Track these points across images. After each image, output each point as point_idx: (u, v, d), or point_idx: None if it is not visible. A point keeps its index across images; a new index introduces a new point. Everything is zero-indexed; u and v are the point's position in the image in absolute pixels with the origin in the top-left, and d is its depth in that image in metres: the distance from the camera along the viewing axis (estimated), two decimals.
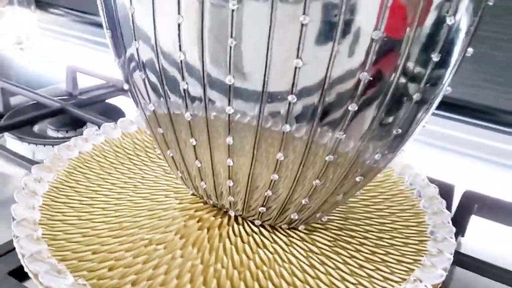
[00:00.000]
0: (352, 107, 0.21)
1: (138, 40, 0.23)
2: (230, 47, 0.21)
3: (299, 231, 0.29)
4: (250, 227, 0.28)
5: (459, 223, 0.36)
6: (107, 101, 0.50)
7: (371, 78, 0.20)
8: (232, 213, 0.28)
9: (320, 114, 0.21)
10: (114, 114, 0.47)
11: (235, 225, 0.28)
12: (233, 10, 0.20)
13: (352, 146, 0.22)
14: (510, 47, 0.46)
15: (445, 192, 0.37)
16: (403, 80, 0.21)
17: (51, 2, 0.80)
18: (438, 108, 0.25)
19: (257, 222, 0.28)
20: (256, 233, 0.28)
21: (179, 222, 0.28)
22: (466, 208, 0.36)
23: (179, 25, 0.21)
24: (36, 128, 0.45)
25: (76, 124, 0.45)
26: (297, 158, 0.23)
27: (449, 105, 0.50)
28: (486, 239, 0.38)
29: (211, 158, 0.25)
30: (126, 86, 0.27)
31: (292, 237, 0.28)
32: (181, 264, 0.26)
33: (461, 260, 0.29)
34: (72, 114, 0.44)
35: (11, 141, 0.42)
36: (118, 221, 0.28)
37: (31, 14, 0.80)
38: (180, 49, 0.22)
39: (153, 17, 0.22)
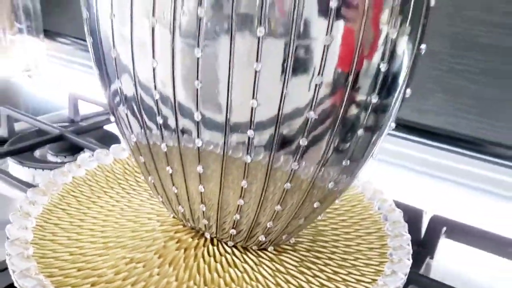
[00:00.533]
0: (303, 141, 0.23)
1: (120, 78, 0.26)
2: (197, 88, 0.23)
3: (269, 252, 0.31)
4: (223, 248, 0.31)
5: (428, 246, 0.38)
6: (104, 127, 0.54)
7: (317, 117, 0.23)
8: (207, 235, 0.31)
9: (276, 146, 0.24)
10: (110, 140, 0.50)
11: (210, 246, 0.31)
12: (198, 58, 0.23)
13: (307, 175, 0.25)
14: (481, 80, 0.49)
15: (415, 216, 0.39)
16: (348, 116, 0.23)
17: (59, 31, 0.84)
18: (413, 134, 0.27)
19: (230, 243, 0.31)
20: (228, 253, 0.31)
21: (159, 242, 0.31)
22: (434, 232, 0.38)
23: (154, 68, 0.24)
24: (37, 153, 0.48)
25: (74, 150, 0.48)
26: (259, 185, 0.26)
27: (426, 132, 0.53)
28: (456, 261, 0.40)
29: (185, 185, 0.28)
30: (112, 118, 0.30)
31: (262, 257, 0.31)
32: (157, 281, 0.28)
33: (424, 283, 0.32)
34: (71, 140, 0.47)
35: (13, 165, 0.45)
36: (104, 241, 0.31)
37: (40, 43, 0.84)
38: (155, 88, 0.25)
39: (132, 60, 0.25)
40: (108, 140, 0.51)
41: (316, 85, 0.22)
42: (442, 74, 0.51)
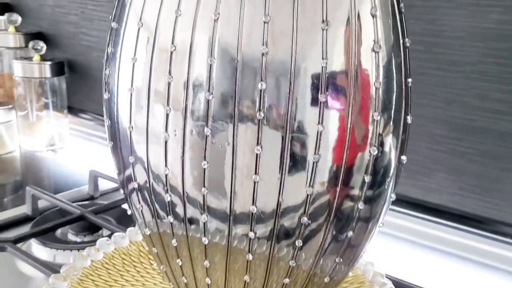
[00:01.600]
0: (298, 243, 0.26)
1: (135, 164, 0.29)
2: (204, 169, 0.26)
3: None
4: None
5: None
6: (123, 206, 0.57)
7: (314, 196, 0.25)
8: None
9: (275, 239, 0.26)
10: (128, 218, 0.53)
11: None
12: (206, 136, 0.25)
13: (304, 269, 0.27)
14: (481, 161, 0.51)
15: None
16: (346, 200, 0.26)
17: (81, 108, 0.90)
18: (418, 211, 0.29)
19: None
20: None
21: None
22: None
23: (166, 146, 0.27)
24: (58, 232, 0.51)
25: (94, 229, 0.51)
26: (260, 280, 0.28)
27: (430, 210, 0.55)
28: None
29: (194, 276, 0.30)
30: (129, 211, 0.33)
31: None
32: None
33: None
34: (91, 220, 0.50)
35: (36, 246, 0.48)
36: None
37: (64, 118, 0.89)
38: (166, 165, 0.28)
39: (146, 149, 0.28)
40: (125, 218, 0.54)
41: (313, 162, 0.24)
42: (443, 155, 0.53)
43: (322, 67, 0.23)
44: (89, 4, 0.82)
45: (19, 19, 0.88)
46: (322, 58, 0.23)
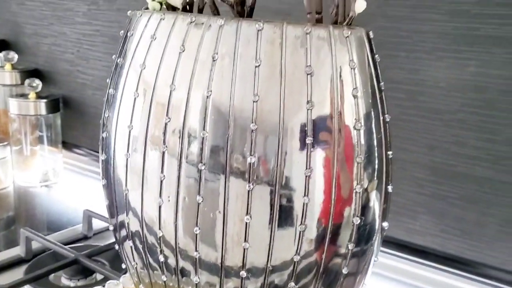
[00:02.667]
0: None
1: (129, 212, 0.31)
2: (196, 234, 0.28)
3: None
4: None
5: None
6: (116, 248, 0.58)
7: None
8: None
9: None
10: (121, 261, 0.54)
11: None
12: (198, 203, 0.27)
13: None
14: (461, 204, 0.53)
15: None
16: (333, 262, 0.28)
17: (76, 143, 0.91)
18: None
19: None
20: None
21: None
22: None
23: (159, 207, 0.29)
24: (51, 276, 0.52)
25: (87, 273, 0.52)
26: None
27: (415, 251, 0.57)
28: None
29: None
30: (117, 247, 0.34)
31: None
32: None
33: None
34: (84, 264, 0.51)
35: None
36: None
37: (58, 153, 0.90)
38: (159, 228, 0.30)
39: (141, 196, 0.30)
40: (119, 261, 0.55)
41: (300, 231, 0.26)
42: (426, 198, 0.55)
43: (307, 143, 0.26)
44: (84, 43, 0.84)
45: (16, 56, 0.90)
46: (307, 136, 0.26)
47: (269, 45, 0.25)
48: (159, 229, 0.29)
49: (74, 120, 0.90)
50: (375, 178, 0.28)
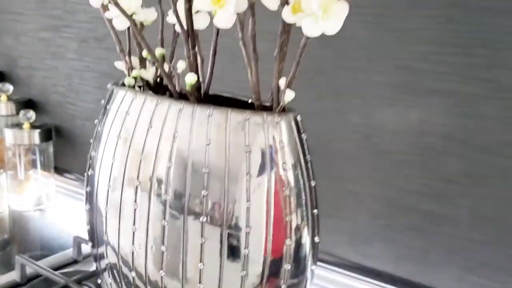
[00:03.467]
0: None
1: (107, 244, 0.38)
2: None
3: None
4: None
5: None
6: None
7: None
8: None
9: None
10: None
11: None
12: (163, 225, 0.34)
13: None
14: (410, 234, 0.60)
15: None
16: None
17: (67, 168, 0.97)
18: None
19: None
20: None
21: None
22: None
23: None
24: None
25: None
26: None
27: (370, 273, 0.64)
28: None
29: None
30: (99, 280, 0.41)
31: None
32: None
33: None
34: None
35: None
36: None
37: (51, 178, 0.97)
38: (132, 270, 0.36)
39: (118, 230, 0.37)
40: None
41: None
42: (380, 227, 0.62)
43: (247, 207, 0.32)
44: (75, 77, 0.91)
45: (11, 88, 0.96)
46: (247, 201, 0.32)
47: (216, 128, 0.32)
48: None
49: (65, 147, 0.97)
50: (304, 231, 0.34)
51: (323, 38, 0.31)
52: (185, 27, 0.34)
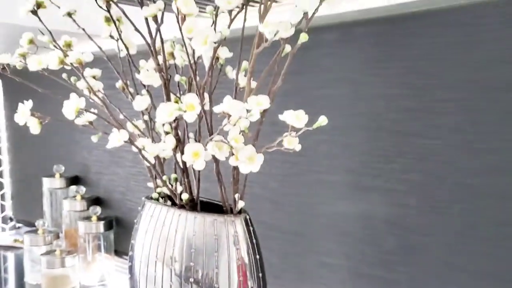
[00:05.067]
0: None
1: None
2: None
3: None
4: None
5: None
6: None
7: None
8: None
9: None
10: None
11: None
12: (170, 285, 0.57)
13: None
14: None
15: None
16: None
17: (125, 251, 1.24)
18: None
19: None
20: None
21: None
22: None
23: None
24: None
25: None
26: None
27: None
28: None
29: None
30: None
31: None
32: None
33: None
34: None
35: None
36: None
37: (112, 259, 1.23)
38: None
39: None
40: None
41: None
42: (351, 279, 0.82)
43: (216, 272, 0.56)
44: (131, 180, 1.20)
45: (84, 189, 1.26)
46: (216, 268, 0.56)
47: (199, 225, 0.56)
48: None
49: (123, 234, 1.24)
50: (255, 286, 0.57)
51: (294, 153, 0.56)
52: (181, 166, 0.60)
